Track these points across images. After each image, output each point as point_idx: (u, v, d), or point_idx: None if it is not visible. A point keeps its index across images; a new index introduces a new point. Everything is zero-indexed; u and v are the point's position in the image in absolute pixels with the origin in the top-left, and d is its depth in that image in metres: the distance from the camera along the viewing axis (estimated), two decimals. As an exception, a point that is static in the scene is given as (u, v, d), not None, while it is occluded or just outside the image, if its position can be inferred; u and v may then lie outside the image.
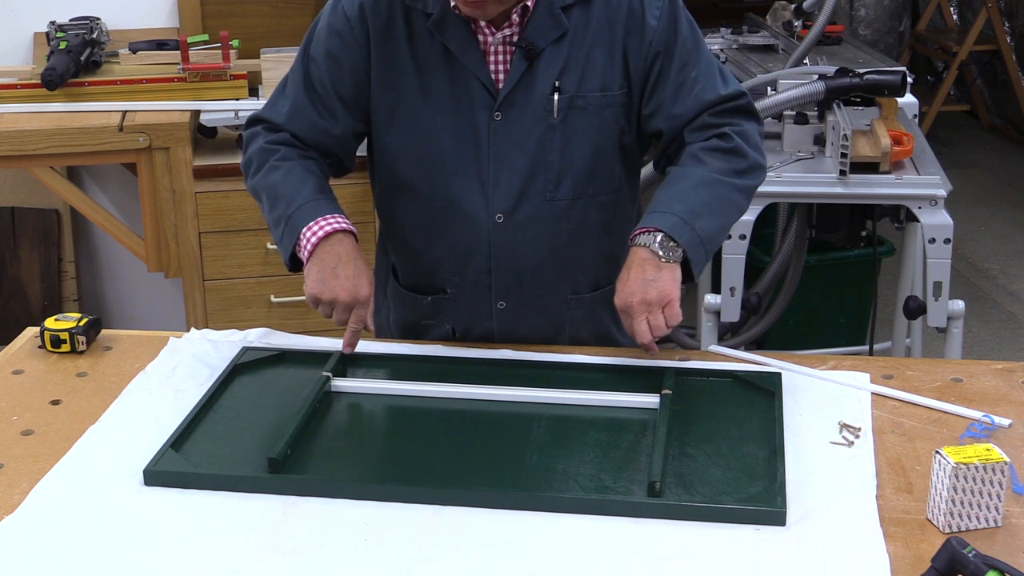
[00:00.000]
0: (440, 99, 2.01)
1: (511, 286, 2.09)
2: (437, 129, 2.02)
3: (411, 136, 2.03)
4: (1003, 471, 1.61)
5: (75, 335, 2.12)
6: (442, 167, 2.03)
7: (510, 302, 2.11)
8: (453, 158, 2.02)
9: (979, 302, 4.83)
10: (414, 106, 2.02)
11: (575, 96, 2.00)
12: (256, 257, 3.46)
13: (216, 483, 1.73)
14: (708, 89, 2.04)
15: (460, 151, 2.02)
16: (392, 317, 2.23)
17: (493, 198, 2.03)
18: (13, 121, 3.36)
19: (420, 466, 1.80)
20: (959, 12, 6.85)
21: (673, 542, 1.60)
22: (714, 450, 1.80)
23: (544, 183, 2.03)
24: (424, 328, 2.19)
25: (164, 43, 3.62)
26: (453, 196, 2.04)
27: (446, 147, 2.02)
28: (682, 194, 1.97)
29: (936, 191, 2.97)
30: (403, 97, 2.02)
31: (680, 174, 2.01)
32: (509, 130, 2.00)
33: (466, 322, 2.14)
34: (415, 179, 2.06)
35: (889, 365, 2.07)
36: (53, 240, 3.92)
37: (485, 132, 2.01)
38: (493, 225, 2.04)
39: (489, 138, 2.01)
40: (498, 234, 2.05)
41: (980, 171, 6.32)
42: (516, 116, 2.00)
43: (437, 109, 2.01)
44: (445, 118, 2.01)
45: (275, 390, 1.99)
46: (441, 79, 2.00)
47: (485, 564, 1.56)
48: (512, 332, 2.14)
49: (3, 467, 1.79)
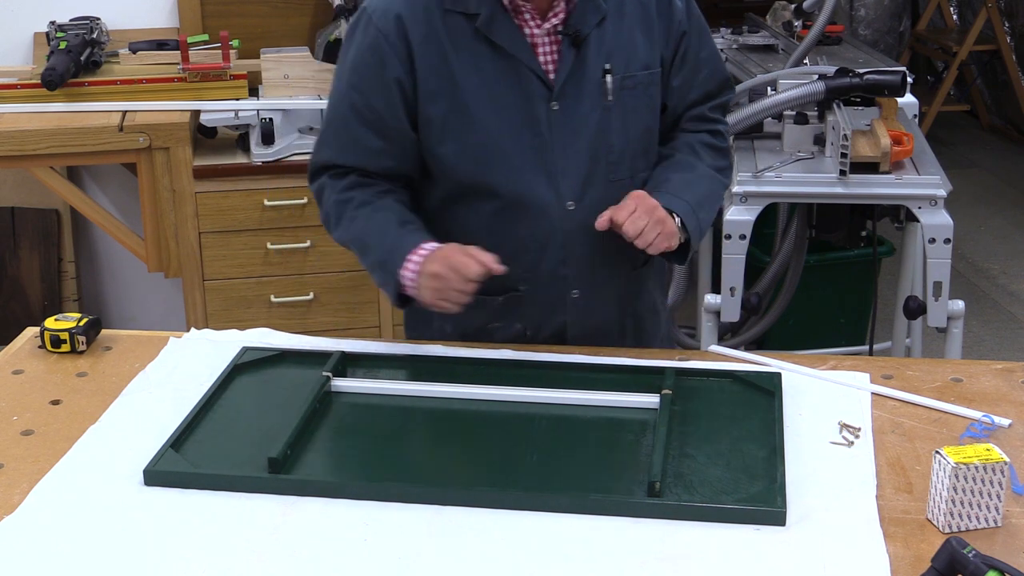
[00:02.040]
0: (496, 98, 2.01)
1: (584, 273, 2.10)
2: (496, 128, 2.02)
3: (469, 140, 2.03)
4: (1003, 471, 1.61)
5: (75, 335, 2.12)
6: (507, 165, 2.04)
7: (583, 290, 2.12)
8: (517, 154, 2.03)
9: (979, 302, 4.83)
10: (469, 110, 2.01)
11: (625, 76, 2.05)
12: (256, 257, 3.46)
13: (216, 483, 1.73)
14: (714, 75, 2.17)
15: (523, 146, 2.03)
16: (450, 327, 2.19)
17: (562, 187, 2.05)
18: (13, 121, 3.36)
19: (420, 466, 1.80)
20: (959, 12, 6.85)
21: (673, 542, 1.60)
22: (714, 450, 1.80)
23: (606, 165, 2.07)
24: (490, 332, 2.17)
25: (164, 43, 3.62)
26: (522, 191, 2.05)
27: (508, 144, 2.03)
28: (691, 183, 2.09)
29: (936, 191, 2.97)
30: (455, 103, 2.01)
31: (687, 163, 2.13)
32: (568, 118, 2.03)
33: (539, 318, 2.14)
34: (480, 182, 2.05)
35: (889, 365, 2.07)
36: (53, 240, 3.92)
37: (545, 123, 2.03)
38: (565, 214, 2.06)
39: (550, 128, 2.03)
40: (570, 222, 2.07)
41: (980, 171, 6.32)
42: (573, 103, 2.03)
43: (494, 108, 2.02)
44: (504, 116, 2.02)
45: (275, 390, 1.99)
46: (494, 78, 2.01)
47: (485, 564, 1.57)
48: (584, 322, 2.15)
49: (3, 467, 1.79)
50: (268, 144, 3.38)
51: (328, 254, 3.48)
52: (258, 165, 3.40)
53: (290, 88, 3.52)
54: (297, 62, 3.52)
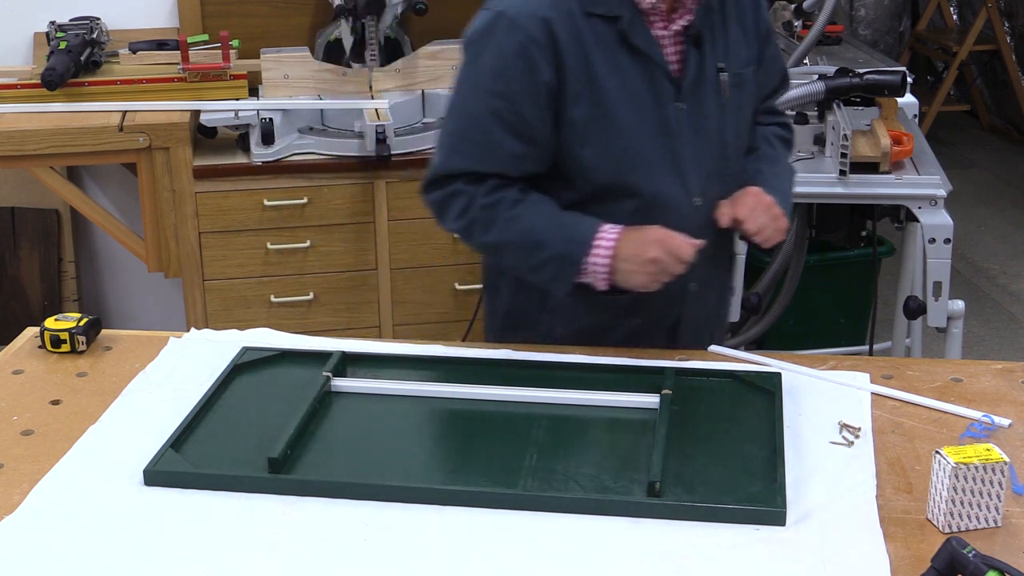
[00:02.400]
0: (633, 99, 2.03)
1: (701, 266, 2.11)
2: (635, 129, 2.04)
3: (611, 142, 2.03)
4: (1003, 471, 1.61)
5: (75, 335, 2.12)
6: (645, 165, 2.06)
7: (699, 282, 2.15)
8: (654, 154, 2.06)
9: (979, 302, 4.83)
10: (610, 111, 2.02)
11: (735, 74, 2.11)
12: (256, 257, 3.46)
13: (216, 483, 1.73)
14: (780, 70, 2.28)
15: (657, 145, 2.06)
16: (561, 327, 2.19)
17: (690, 184, 2.09)
18: (13, 121, 3.36)
19: (420, 466, 1.80)
20: (959, 12, 6.85)
21: (673, 542, 1.60)
22: (714, 450, 1.80)
23: (722, 161, 2.13)
24: (606, 332, 2.17)
25: (164, 43, 3.62)
26: (657, 190, 2.07)
27: (646, 145, 2.05)
28: (779, 176, 2.22)
29: (936, 191, 2.97)
30: (596, 105, 2.02)
31: (772, 156, 2.24)
32: (692, 117, 2.07)
33: (657, 312, 2.17)
34: (620, 182, 2.06)
35: (889, 365, 2.07)
36: (53, 240, 3.92)
37: (674, 123, 2.06)
38: (692, 210, 2.10)
39: (678, 127, 2.06)
40: (697, 218, 2.10)
41: (980, 171, 6.32)
42: (696, 102, 2.07)
43: (632, 109, 2.03)
44: (640, 116, 2.04)
45: (275, 390, 1.99)
46: (635, 79, 2.03)
47: (485, 564, 1.57)
48: (695, 314, 2.21)
49: (3, 467, 1.79)
50: (268, 144, 3.38)
51: (328, 254, 3.48)
52: (258, 165, 3.40)
53: (290, 88, 3.52)
54: (297, 62, 3.52)
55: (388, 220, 3.46)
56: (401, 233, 3.48)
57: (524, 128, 2.01)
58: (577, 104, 2.01)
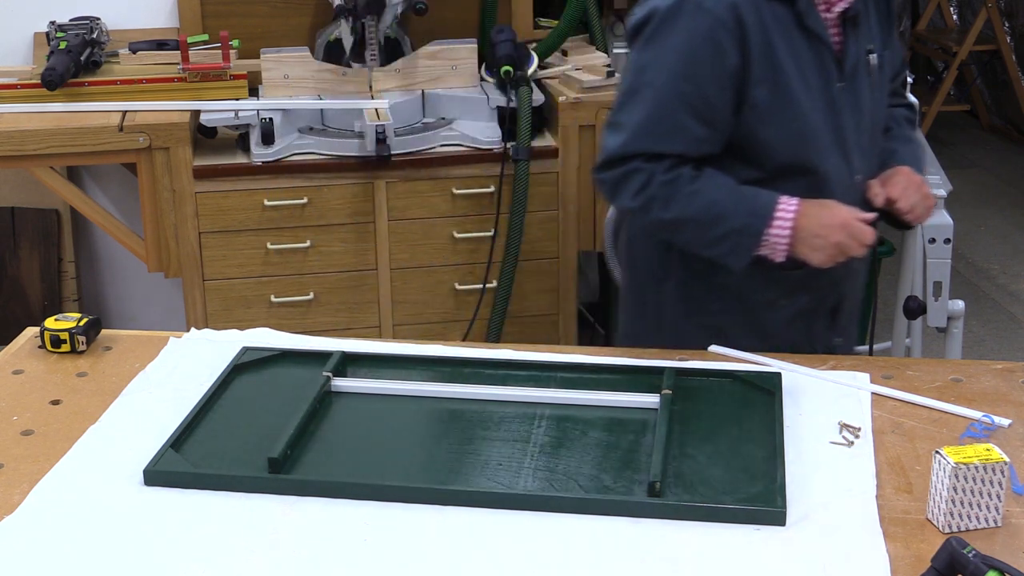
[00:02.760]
0: (806, 80, 2.09)
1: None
2: (810, 109, 2.09)
3: (790, 122, 2.09)
4: (1003, 471, 1.61)
5: (75, 335, 2.12)
6: (819, 144, 2.12)
7: (858, 260, 2.17)
8: (824, 133, 2.12)
9: (979, 302, 4.83)
10: (792, 93, 2.08)
11: (880, 55, 2.19)
12: (256, 257, 3.46)
13: (216, 483, 1.73)
14: (900, 51, 2.33)
15: (827, 125, 2.12)
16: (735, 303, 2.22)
17: (852, 161, 2.16)
18: (13, 121, 3.35)
19: (420, 466, 1.80)
20: (959, 12, 6.85)
21: (673, 542, 1.60)
22: (714, 450, 1.80)
23: (873, 139, 2.21)
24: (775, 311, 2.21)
25: (164, 43, 3.62)
26: (827, 168, 2.13)
27: (819, 125, 2.11)
28: (915, 155, 2.29)
29: (936, 191, 2.97)
30: (777, 87, 2.07)
31: (905, 136, 2.32)
32: (851, 97, 2.15)
33: (825, 290, 2.23)
34: (796, 161, 2.12)
35: (889, 365, 2.07)
36: (53, 240, 3.92)
37: (838, 102, 2.13)
38: (855, 186, 2.17)
39: (841, 107, 2.13)
40: (857, 194, 2.16)
41: (980, 171, 6.32)
42: (854, 83, 2.15)
43: (806, 90, 2.09)
44: (815, 96, 2.10)
45: (275, 390, 1.99)
46: (808, 61, 2.09)
47: (485, 564, 1.57)
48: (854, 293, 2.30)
49: (3, 467, 1.79)
50: (268, 144, 3.38)
51: (328, 254, 3.47)
52: (258, 165, 3.40)
53: (290, 88, 3.51)
54: (297, 62, 3.52)
55: (388, 220, 3.46)
56: (401, 233, 3.48)
57: (708, 112, 2.06)
58: (759, 86, 2.06)
